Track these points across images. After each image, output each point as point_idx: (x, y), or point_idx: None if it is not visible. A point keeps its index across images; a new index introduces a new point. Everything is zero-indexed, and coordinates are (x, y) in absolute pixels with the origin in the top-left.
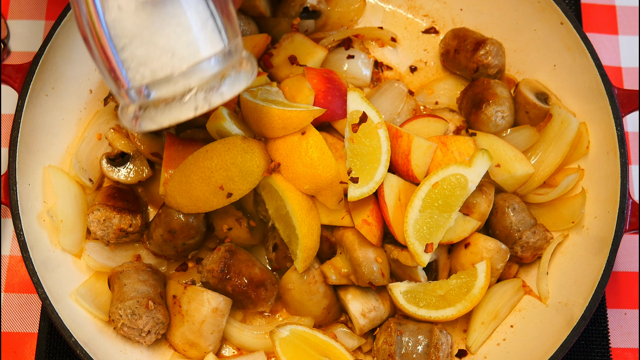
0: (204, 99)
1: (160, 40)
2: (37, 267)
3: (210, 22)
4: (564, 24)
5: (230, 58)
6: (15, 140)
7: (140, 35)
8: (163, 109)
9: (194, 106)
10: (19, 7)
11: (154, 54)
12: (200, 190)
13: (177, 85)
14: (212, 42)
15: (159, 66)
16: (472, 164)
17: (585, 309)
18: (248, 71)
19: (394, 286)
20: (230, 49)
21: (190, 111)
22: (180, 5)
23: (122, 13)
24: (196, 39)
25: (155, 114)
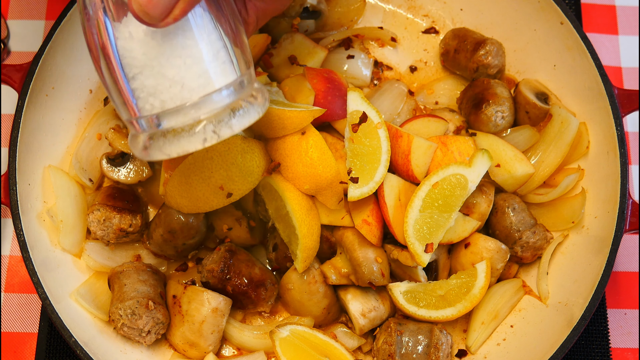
0: (213, 132)
1: (170, 71)
2: (37, 267)
3: (222, 52)
4: (564, 24)
5: (242, 90)
6: (15, 140)
7: (150, 65)
8: (172, 139)
9: (203, 138)
10: (19, 7)
11: (163, 84)
12: (200, 190)
13: (187, 117)
14: (224, 73)
15: (168, 97)
16: (472, 164)
17: (585, 309)
18: (259, 104)
19: (394, 286)
20: (243, 81)
21: (199, 143)
22: (193, 36)
23: (132, 42)
24: (208, 70)
25: (164, 144)
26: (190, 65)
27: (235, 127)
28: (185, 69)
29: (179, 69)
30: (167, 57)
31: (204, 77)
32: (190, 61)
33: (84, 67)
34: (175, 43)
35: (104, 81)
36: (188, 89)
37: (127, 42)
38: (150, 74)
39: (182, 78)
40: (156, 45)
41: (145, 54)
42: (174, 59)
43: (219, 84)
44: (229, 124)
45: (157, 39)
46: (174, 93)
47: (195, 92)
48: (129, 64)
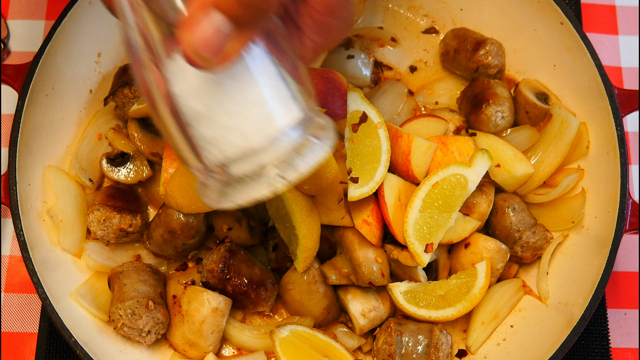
0: (278, 176)
1: (227, 120)
2: (37, 267)
3: (283, 91)
4: (564, 24)
5: (306, 127)
6: (15, 140)
7: (206, 115)
8: (237, 187)
9: (269, 184)
10: (19, 7)
11: (222, 134)
12: None
13: (251, 164)
14: (286, 112)
15: (228, 146)
16: (472, 164)
17: (585, 309)
18: (325, 140)
19: (394, 286)
20: (306, 118)
21: (265, 189)
22: (250, 77)
23: (185, 90)
24: (268, 112)
25: (230, 192)
26: (249, 110)
27: (302, 169)
28: (243, 114)
29: (236, 116)
30: (222, 104)
31: (264, 119)
32: (248, 105)
33: (84, 67)
34: (229, 87)
35: (160, 128)
36: (249, 135)
37: (179, 92)
38: (206, 125)
39: (241, 125)
40: (209, 92)
41: (199, 103)
42: (230, 105)
43: (282, 124)
44: (295, 167)
45: (210, 84)
46: (234, 142)
47: (257, 137)
48: (183, 113)
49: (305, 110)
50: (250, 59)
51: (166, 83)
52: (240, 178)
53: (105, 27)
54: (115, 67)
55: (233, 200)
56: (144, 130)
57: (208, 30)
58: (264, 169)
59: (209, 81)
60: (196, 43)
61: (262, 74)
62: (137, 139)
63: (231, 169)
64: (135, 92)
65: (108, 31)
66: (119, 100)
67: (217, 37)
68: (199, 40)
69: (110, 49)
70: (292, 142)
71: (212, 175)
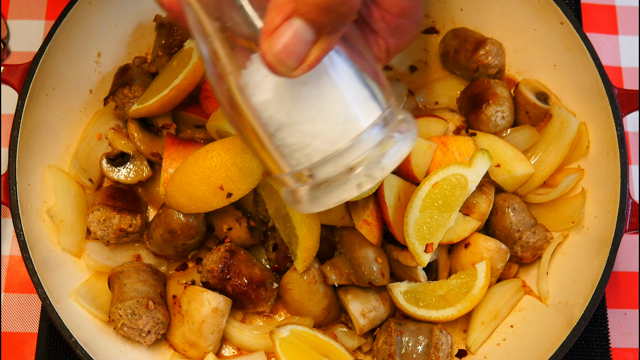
0: (366, 175)
1: (308, 126)
2: (37, 267)
3: (362, 91)
4: (564, 24)
5: (387, 125)
6: (15, 140)
7: (287, 123)
8: (325, 190)
9: (357, 184)
10: (19, 7)
11: (304, 140)
12: (200, 190)
13: (337, 167)
14: (367, 112)
15: (313, 151)
16: (472, 164)
17: (585, 309)
18: (408, 136)
19: (394, 286)
20: (387, 115)
21: (353, 190)
22: (330, 81)
23: (264, 100)
24: (350, 114)
25: (319, 196)
26: (332, 114)
27: (388, 166)
28: (326, 119)
29: (319, 122)
30: (305, 111)
31: (346, 121)
32: (330, 110)
33: (84, 67)
34: (310, 93)
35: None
36: (332, 139)
37: (259, 102)
38: (288, 133)
39: (325, 130)
40: (290, 100)
41: (279, 113)
42: (312, 112)
43: (364, 124)
44: (381, 165)
45: (290, 92)
46: (317, 146)
47: (340, 140)
48: (265, 123)
49: (385, 109)
50: (329, 63)
51: (245, 95)
52: (328, 181)
53: (105, 27)
54: (115, 67)
55: (323, 204)
56: (144, 130)
57: (290, 37)
58: (351, 171)
59: (288, 89)
60: (279, 51)
61: (341, 78)
62: (137, 139)
63: (318, 173)
64: (135, 92)
65: (108, 31)
66: (119, 100)
67: (300, 45)
68: (282, 48)
69: (110, 49)
70: (376, 141)
71: (299, 181)
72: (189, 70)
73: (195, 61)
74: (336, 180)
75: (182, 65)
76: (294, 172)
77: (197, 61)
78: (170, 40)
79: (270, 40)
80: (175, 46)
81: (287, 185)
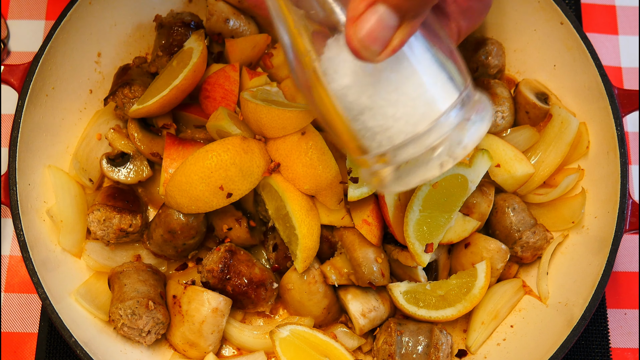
0: (447, 155)
1: (390, 109)
2: (37, 267)
3: (441, 73)
4: (564, 24)
5: (466, 105)
6: (15, 140)
7: (369, 107)
8: (408, 170)
9: (439, 163)
10: (19, 7)
11: (386, 123)
12: (200, 190)
13: (419, 148)
14: (446, 94)
15: (395, 133)
16: (472, 164)
17: (585, 309)
18: (485, 114)
19: (394, 286)
20: (465, 96)
21: (436, 169)
22: (409, 65)
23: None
24: (430, 96)
25: (401, 176)
26: (412, 97)
27: (469, 146)
28: (407, 102)
29: (400, 105)
30: (386, 94)
31: (427, 104)
32: (410, 92)
33: (84, 67)
34: (391, 77)
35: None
36: (413, 121)
37: (340, 87)
38: (370, 116)
39: (405, 112)
40: (371, 84)
41: (361, 97)
42: (394, 95)
43: (444, 106)
44: (462, 144)
45: (370, 76)
46: (399, 129)
47: (422, 122)
48: (347, 108)
49: (463, 90)
50: (408, 47)
51: (326, 80)
52: (410, 162)
53: (105, 27)
54: (115, 67)
55: (406, 184)
56: (144, 130)
57: (374, 23)
58: (433, 151)
59: (368, 73)
60: (364, 37)
61: (420, 61)
62: (137, 139)
63: (400, 154)
64: (135, 92)
65: (108, 31)
66: (119, 100)
67: (384, 30)
68: (367, 34)
69: (110, 49)
70: (456, 122)
71: (380, 162)
72: (189, 70)
73: (195, 61)
74: (419, 161)
75: (182, 65)
76: (377, 154)
77: (197, 61)
78: (170, 40)
79: (355, 27)
80: (175, 46)
81: (369, 167)
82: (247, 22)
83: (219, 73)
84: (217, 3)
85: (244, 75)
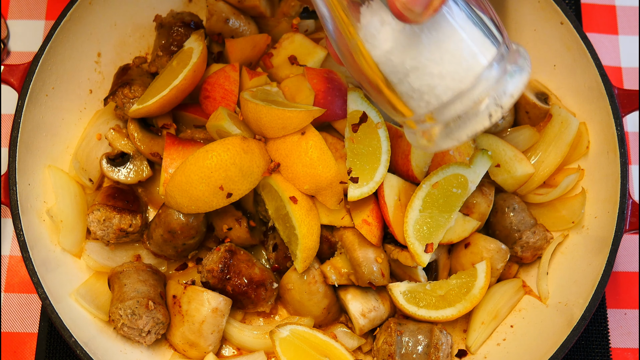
0: (495, 105)
1: (435, 68)
2: (37, 267)
3: (479, 28)
4: (564, 24)
5: (505, 56)
6: (15, 140)
7: (414, 68)
8: (457, 124)
9: (488, 114)
10: (19, 7)
11: (432, 82)
12: (200, 190)
13: (466, 102)
14: (486, 48)
15: (441, 91)
16: (472, 164)
17: (585, 309)
18: (524, 62)
19: (394, 286)
20: (504, 48)
21: (486, 120)
22: (448, 23)
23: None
24: (471, 52)
25: (451, 132)
26: (454, 54)
27: (515, 93)
28: (451, 59)
29: (444, 63)
30: (427, 55)
31: (470, 59)
32: (453, 49)
33: (84, 68)
34: (430, 36)
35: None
36: (459, 77)
37: (383, 52)
38: (415, 77)
39: (449, 70)
40: (413, 45)
41: (404, 59)
42: (436, 54)
43: (486, 60)
44: (508, 93)
45: (409, 39)
46: (446, 86)
47: (467, 78)
48: (391, 71)
49: (501, 43)
50: (445, 5)
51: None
52: (459, 117)
53: (105, 27)
54: (115, 67)
55: (457, 138)
56: (144, 130)
57: None
58: (480, 104)
59: (407, 35)
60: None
61: (458, 18)
62: (137, 139)
63: (448, 111)
64: (135, 92)
65: (108, 31)
66: (119, 100)
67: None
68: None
69: (110, 49)
70: (498, 73)
71: (428, 121)
72: (189, 70)
73: (195, 61)
74: (467, 114)
75: (182, 65)
76: (426, 113)
77: (197, 61)
78: (170, 40)
79: None
80: (175, 46)
81: (417, 127)
82: (247, 22)
83: (219, 73)
84: (217, 3)
85: (244, 75)
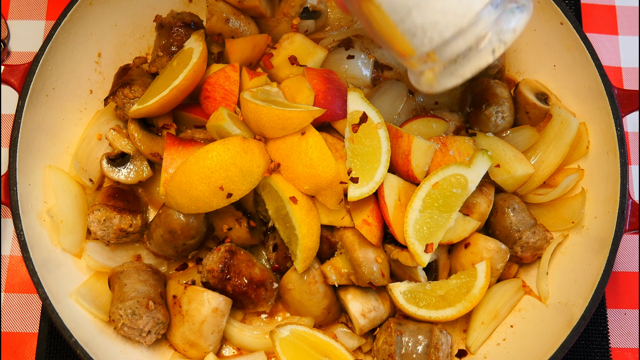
0: (498, 40)
1: (437, 3)
2: (37, 267)
3: None
4: (564, 24)
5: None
6: (15, 140)
7: (417, 4)
8: (461, 62)
9: (491, 50)
10: (19, 7)
11: (435, 17)
12: (200, 191)
13: (469, 38)
14: None
15: (444, 27)
16: (472, 164)
17: (585, 309)
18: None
19: (394, 286)
20: None
21: (489, 56)
22: None
23: None
24: None
25: (455, 69)
26: None
27: (518, 29)
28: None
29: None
30: None
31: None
32: None
33: (84, 67)
34: None
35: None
36: (461, 12)
37: None
38: (418, 13)
39: (451, 5)
40: None
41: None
42: None
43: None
44: (510, 29)
45: None
46: (448, 21)
47: (468, 13)
48: (395, 10)
49: None
50: None
51: None
52: (462, 53)
53: (105, 27)
54: (115, 67)
55: (461, 75)
56: (144, 130)
57: None
58: (481, 40)
59: None
60: None
61: None
62: (137, 139)
63: (451, 47)
64: (135, 92)
65: (108, 31)
66: (119, 101)
67: None
68: None
69: (110, 49)
70: (500, 9)
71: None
72: (189, 70)
73: (195, 61)
74: (470, 50)
75: (182, 66)
76: (429, 51)
77: (197, 61)
78: (171, 41)
79: None
80: (175, 46)
81: (419, 67)
82: (247, 22)
83: (219, 73)
84: (217, 3)
85: (244, 75)
